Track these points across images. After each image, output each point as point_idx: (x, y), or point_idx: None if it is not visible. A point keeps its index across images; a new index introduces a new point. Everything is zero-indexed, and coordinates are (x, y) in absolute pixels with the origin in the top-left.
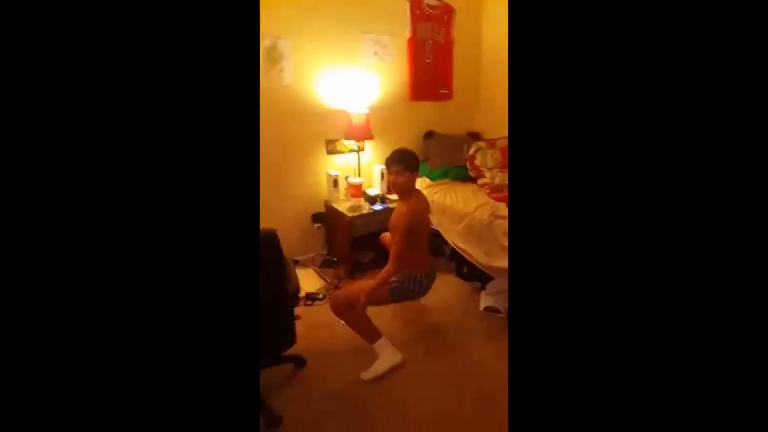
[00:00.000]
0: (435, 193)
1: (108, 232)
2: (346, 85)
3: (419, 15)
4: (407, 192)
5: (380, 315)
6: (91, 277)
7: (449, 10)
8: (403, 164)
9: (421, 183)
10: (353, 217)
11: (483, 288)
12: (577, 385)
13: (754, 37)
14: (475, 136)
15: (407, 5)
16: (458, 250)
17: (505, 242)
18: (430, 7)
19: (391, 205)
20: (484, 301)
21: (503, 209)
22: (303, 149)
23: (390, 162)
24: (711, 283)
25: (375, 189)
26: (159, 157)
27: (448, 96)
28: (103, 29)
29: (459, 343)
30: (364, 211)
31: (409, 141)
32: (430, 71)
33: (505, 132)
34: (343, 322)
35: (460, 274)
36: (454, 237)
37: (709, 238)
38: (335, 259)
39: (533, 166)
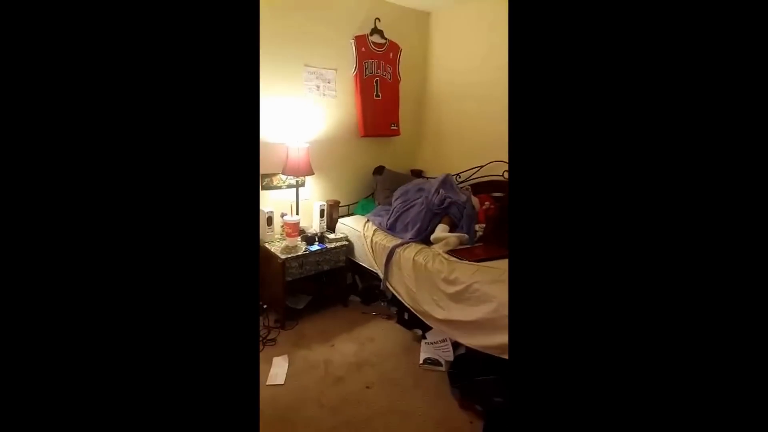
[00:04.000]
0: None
1: (107, 239)
2: (285, 118)
3: (365, 52)
4: None
5: (306, 374)
6: (89, 276)
7: (395, 48)
8: None
9: (366, 228)
10: (286, 259)
11: (424, 337)
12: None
13: (754, 37)
14: (417, 174)
15: (352, 42)
16: (399, 298)
17: (449, 290)
18: (376, 45)
19: (329, 246)
20: (425, 351)
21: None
22: None
23: None
24: (710, 283)
25: (314, 227)
26: (161, 161)
27: (397, 132)
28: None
29: (393, 409)
30: (300, 252)
31: (356, 176)
32: (380, 108)
33: (445, 169)
34: None
35: (401, 321)
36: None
37: (705, 245)
38: (265, 305)
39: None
